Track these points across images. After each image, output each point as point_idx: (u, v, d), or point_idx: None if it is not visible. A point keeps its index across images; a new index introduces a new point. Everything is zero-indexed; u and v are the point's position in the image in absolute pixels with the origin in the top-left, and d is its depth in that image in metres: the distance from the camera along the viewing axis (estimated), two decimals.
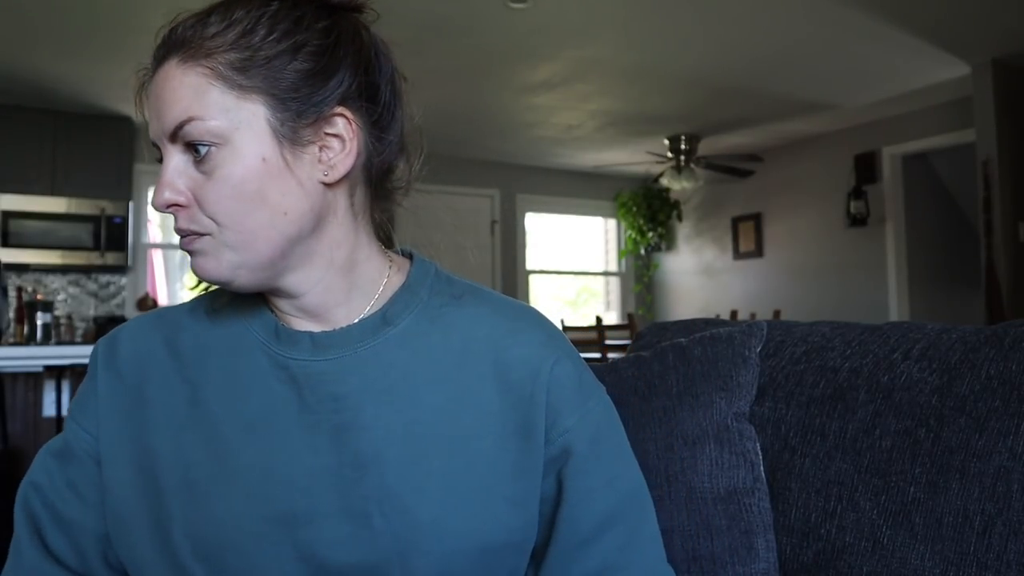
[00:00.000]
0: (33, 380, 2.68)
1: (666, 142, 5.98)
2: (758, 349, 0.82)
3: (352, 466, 0.63)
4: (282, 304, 0.69)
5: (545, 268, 7.38)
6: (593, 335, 5.19)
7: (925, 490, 0.69)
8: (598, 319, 5.12)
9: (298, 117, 0.62)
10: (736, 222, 6.83)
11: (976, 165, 4.53)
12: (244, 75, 0.60)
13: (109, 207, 5.03)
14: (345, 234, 0.68)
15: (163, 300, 5.87)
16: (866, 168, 5.77)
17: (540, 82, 4.73)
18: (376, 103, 0.68)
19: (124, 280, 5.42)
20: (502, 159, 6.84)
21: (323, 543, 0.61)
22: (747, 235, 6.73)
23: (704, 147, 6.14)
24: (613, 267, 7.76)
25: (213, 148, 0.60)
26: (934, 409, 0.72)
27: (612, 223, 7.71)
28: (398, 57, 0.80)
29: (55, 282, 5.20)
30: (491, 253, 6.97)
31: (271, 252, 0.63)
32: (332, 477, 0.63)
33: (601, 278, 7.81)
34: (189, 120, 0.60)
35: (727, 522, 0.75)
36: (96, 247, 4.98)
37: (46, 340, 4.02)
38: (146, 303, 5.29)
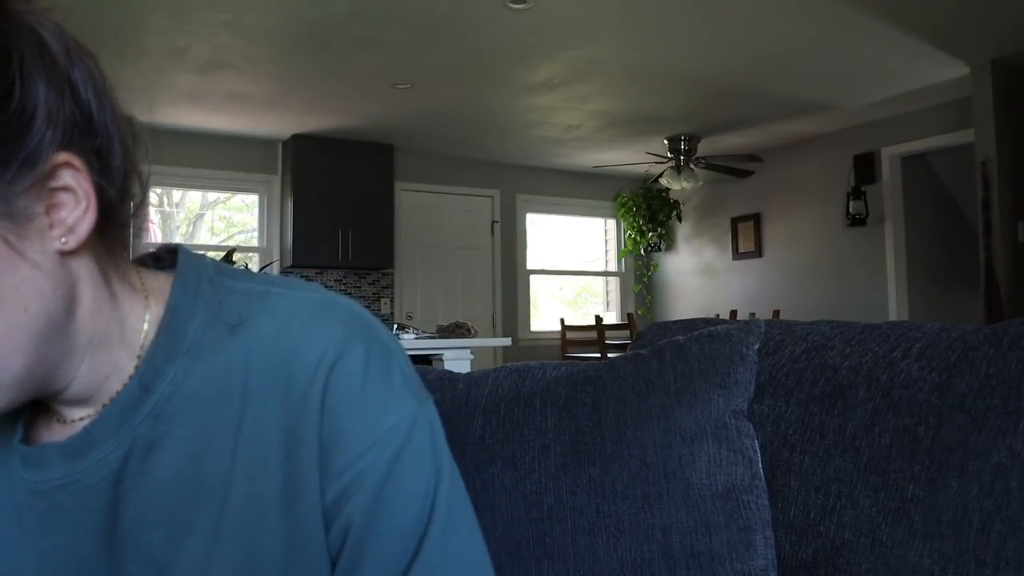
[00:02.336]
0: None
1: (666, 142, 5.99)
2: (756, 347, 0.83)
3: (153, 571, 0.53)
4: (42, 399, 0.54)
5: (545, 268, 7.38)
6: (593, 335, 5.19)
7: (924, 487, 0.70)
8: (598, 319, 5.13)
9: (9, 184, 0.45)
10: (736, 222, 6.84)
11: (975, 165, 4.53)
12: None
13: None
14: (101, 297, 0.52)
15: None
16: (865, 168, 5.77)
17: (540, 82, 4.74)
18: (93, 131, 0.50)
19: None
20: (502, 159, 6.85)
21: None
22: (746, 235, 6.74)
23: (704, 147, 6.14)
24: (613, 267, 7.76)
25: None
26: (933, 407, 0.72)
27: (612, 223, 7.71)
28: (396, 58, 0.66)
29: None
30: (491, 253, 6.97)
31: (24, 361, 0.47)
32: None
33: (601, 278, 7.82)
34: None
35: (725, 519, 0.76)
36: None
37: None
38: None
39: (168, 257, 0.59)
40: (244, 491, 0.52)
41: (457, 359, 3.60)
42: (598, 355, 5.02)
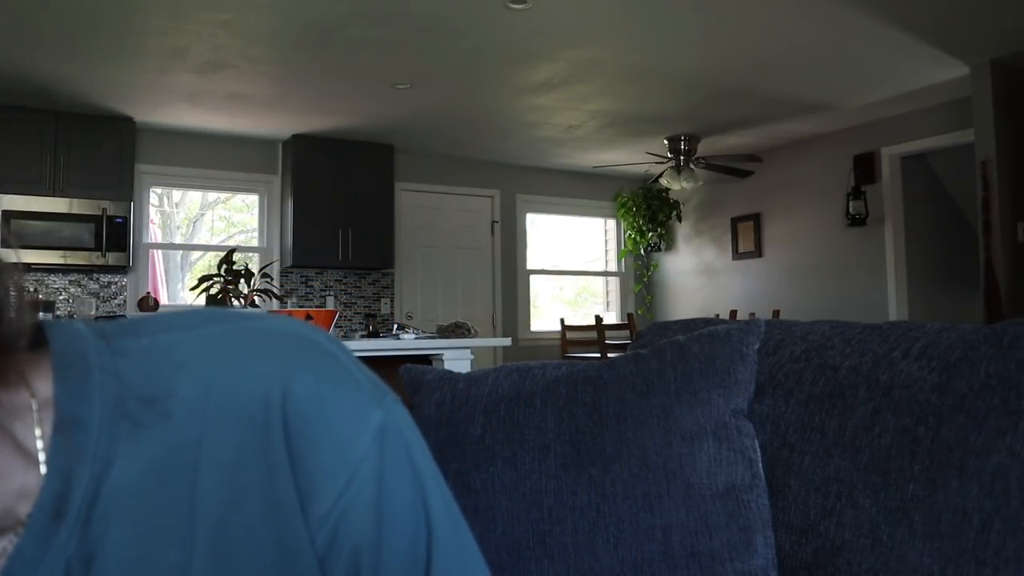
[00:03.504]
0: None
1: (666, 142, 5.99)
2: (756, 346, 0.83)
3: None
4: None
5: (545, 268, 7.38)
6: (593, 335, 5.19)
7: (924, 487, 0.70)
8: (598, 319, 5.13)
9: None
10: (735, 222, 6.84)
11: (975, 165, 4.53)
12: None
13: (110, 207, 5.04)
14: None
15: (164, 299, 5.88)
16: (865, 168, 5.77)
17: (540, 82, 4.74)
18: None
19: (125, 280, 5.43)
20: (502, 159, 6.85)
21: None
22: (746, 235, 6.74)
23: (704, 147, 6.14)
24: (613, 267, 7.76)
25: None
26: (933, 407, 0.72)
27: (612, 223, 7.71)
28: (396, 58, 0.55)
29: (57, 282, 5.21)
30: (491, 253, 6.97)
31: None
32: None
33: (601, 278, 7.82)
34: None
35: (726, 519, 0.76)
36: (97, 247, 4.98)
37: None
38: (147, 303, 5.29)
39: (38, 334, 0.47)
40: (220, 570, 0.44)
41: (457, 359, 3.60)
42: (598, 355, 5.02)
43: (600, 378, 0.85)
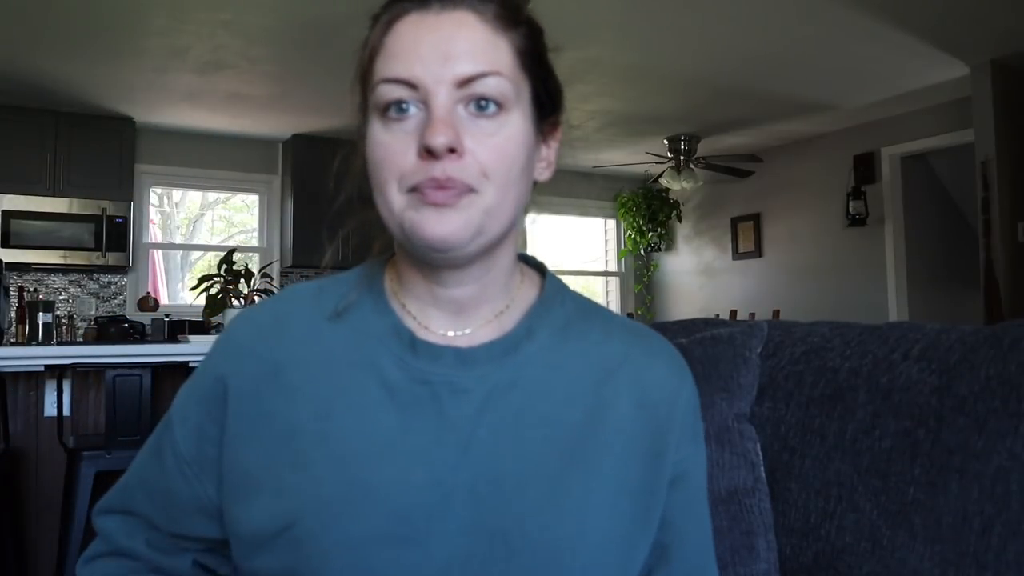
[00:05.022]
0: (34, 380, 2.69)
1: (666, 142, 5.98)
2: (759, 350, 0.83)
3: (488, 482, 0.60)
4: (430, 294, 0.65)
5: None
6: None
7: (924, 490, 0.70)
8: None
9: (546, 114, 0.65)
10: (735, 222, 6.84)
11: (975, 165, 4.53)
12: (529, 58, 0.63)
13: (110, 207, 5.03)
14: (516, 242, 0.67)
15: (164, 300, 5.87)
16: (865, 168, 5.77)
17: None
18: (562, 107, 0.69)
19: (125, 280, 5.42)
20: None
21: (455, 561, 0.58)
22: (746, 235, 6.74)
23: (704, 147, 6.14)
24: (613, 267, 7.76)
25: (502, 109, 0.59)
26: (933, 409, 0.72)
27: (612, 223, 7.71)
28: None
29: (56, 282, 5.20)
30: None
31: (505, 228, 0.61)
32: (467, 495, 0.59)
33: (601, 278, 7.81)
34: (494, 74, 0.59)
35: (728, 523, 0.76)
36: (97, 247, 4.98)
37: (47, 340, 4.01)
38: (147, 303, 5.29)
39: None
40: (592, 436, 0.62)
41: None
42: None
43: None
